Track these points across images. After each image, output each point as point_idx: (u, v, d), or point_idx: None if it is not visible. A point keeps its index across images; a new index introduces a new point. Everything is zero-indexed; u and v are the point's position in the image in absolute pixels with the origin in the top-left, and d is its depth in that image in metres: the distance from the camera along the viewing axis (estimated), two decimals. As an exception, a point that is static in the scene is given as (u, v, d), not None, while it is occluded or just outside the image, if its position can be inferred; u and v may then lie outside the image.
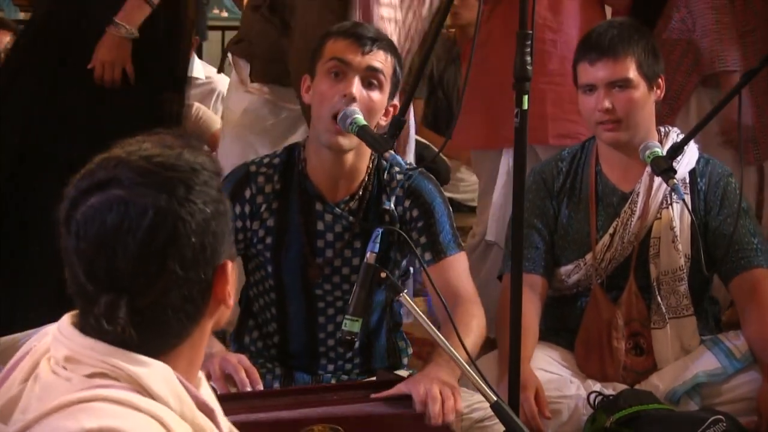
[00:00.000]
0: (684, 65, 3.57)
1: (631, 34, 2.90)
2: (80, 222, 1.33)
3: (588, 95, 2.92)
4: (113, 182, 1.33)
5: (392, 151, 2.39)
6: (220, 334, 2.86)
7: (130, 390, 1.31)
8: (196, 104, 4.53)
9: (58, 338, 1.37)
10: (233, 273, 1.43)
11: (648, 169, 2.88)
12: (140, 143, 1.39)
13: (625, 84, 2.87)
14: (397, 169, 2.66)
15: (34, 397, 1.33)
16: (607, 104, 2.87)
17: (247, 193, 2.64)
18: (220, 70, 4.08)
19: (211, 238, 1.36)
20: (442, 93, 5.78)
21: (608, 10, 3.83)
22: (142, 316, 1.33)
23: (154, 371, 1.33)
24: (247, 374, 2.37)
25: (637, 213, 2.92)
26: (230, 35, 7.43)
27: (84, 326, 1.35)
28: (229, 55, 3.69)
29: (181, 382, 1.36)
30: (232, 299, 1.42)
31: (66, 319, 1.39)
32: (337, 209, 2.63)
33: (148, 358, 1.34)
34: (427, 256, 2.61)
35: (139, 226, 1.31)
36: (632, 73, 2.87)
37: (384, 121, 2.61)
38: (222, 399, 2.23)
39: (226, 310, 1.44)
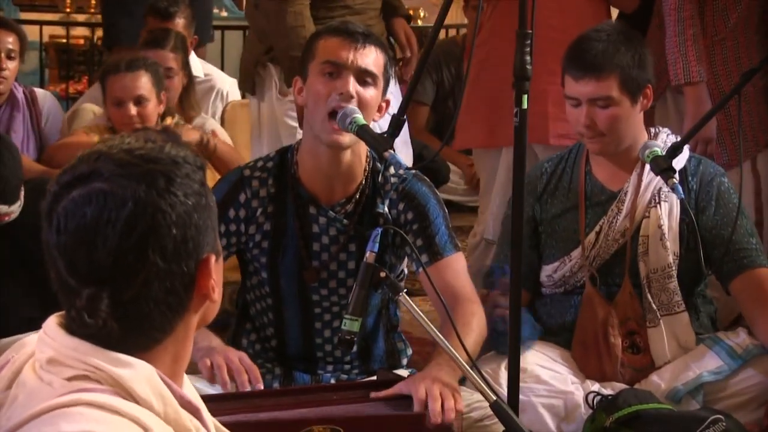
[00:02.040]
0: (655, 69, 3.60)
1: (618, 47, 2.88)
2: (61, 216, 1.33)
3: (572, 107, 2.93)
4: (94, 175, 1.33)
5: (392, 150, 2.39)
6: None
7: (112, 393, 1.30)
8: (215, 128, 4.32)
9: (43, 339, 1.36)
10: (218, 268, 1.42)
11: (637, 169, 2.92)
12: (123, 138, 1.39)
13: (607, 102, 2.87)
14: (391, 171, 2.66)
15: (19, 403, 1.32)
16: (587, 121, 2.88)
17: (242, 198, 2.64)
18: (253, 92, 3.99)
19: (193, 231, 1.36)
20: (452, 103, 5.80)
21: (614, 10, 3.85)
22: (125, 309, 1.33)
23: (136, 372, 1.32)
24: (247, 373, 2.37)
25: (624, 212, 2.94)
26: (230, 35, 7.48)
27: (69, 325, 1.35)
28: (264, 69, 3.71)
29: (164, 381, 1.35)
30: (217, 294, 1.42)
31: (52, 319, 1.38)
32: (330, 212, 2.63)
33: (131, 358, 1.33)
34: (424, 258, 2.60)
35: (118, 218, 1.31)
36: (614, 91, 2.87)
37: (378, 117, 2.62)
38: (221, 398, 2.25)
39: (213, 306, 1.44)
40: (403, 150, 3.76)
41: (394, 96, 3.74)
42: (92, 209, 1.31)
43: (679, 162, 2.95)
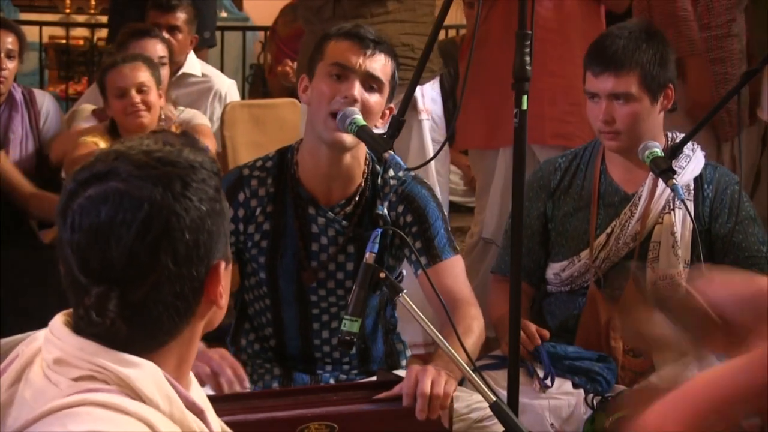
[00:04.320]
0: None
1: (639, 44, 2.88)
2: (76, 213, 1.33)
3: (592, 103, 2.92)
4: (111, 174, 1.34)
5: (391, 152, 2.39)
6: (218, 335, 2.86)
7: (118, 393, 1.30)
8: (201, 122, 4.25)
9: (49, 339, 1.36)
10: (227, 275, 1.43)
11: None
12: (142, 140, 1.39)
13: (627, 98, 2.86)
14: (390, 174, 2.65)
15: (26, 403, 1.32)
16: (606, 117, 2.87)
17: (241, 197, 2.64)
18: None
19: (205, 236, 1.36)
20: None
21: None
22: (133, 311, 1.33)
23: (143, 372, 1.32)
24: (232, 370, 2.36)
25: (637, 215, 2.92)
26: (230, 35, 7.47)
27: (76, 323, 1.35)
28: None
29: (170, 382, 1.35)
30: (224, 301, 1.42)
31: (58, 318, 1.38)
32: (330, 213, 2.63)
33: (137, 358, 1.33)
34: (423, 260, 2.60)
35: (134, 219, 1.31)
36: (634, 88, 2.86)
37: (381, 124, 2.61)
38: (221, 399, 2.25)
39: (219, 312, 1.44)
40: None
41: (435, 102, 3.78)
42: (107, 208, 1.32)
43: (695, 169, 2.94)
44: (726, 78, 3.74)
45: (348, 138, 2.51)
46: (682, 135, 2.99)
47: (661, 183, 2.88)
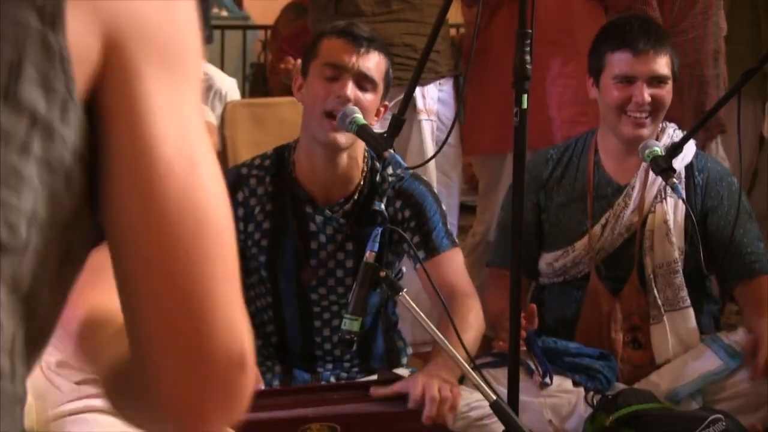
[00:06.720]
0: None
1: (663, 32, 2.97)
2: None
3: (622, 86, 2.89)
4: None
5: (391, 150, 2.39)
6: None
7: None
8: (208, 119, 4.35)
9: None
10: None
11: (645, 163, 2.89)
12: None
13: (663, 79, 2.89)
14: (389, 170, 2.66)
15: (30, 406, 1.32)
16: (647, 97, 2.86)
17: (240, 196, 2.65)
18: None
19: None
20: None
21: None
22: None
23: None
24: None
25: (631, 206, 2.94)
26: (230, 35, 7.47)
27: None
28: None
29: None
30: None
31: None
32: (327, 211, 2.63)
33: None
34: (421, 254, 2.61)
35: None
36: (668, 69, 2.90)
37: (375, 121, 2.62)
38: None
39: None
40: None
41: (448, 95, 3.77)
42: None
43: (686, 157, 2.95)
44: (702, 80, 3.74)
45: (342, 138, 2.52)
46: (672, 124, 3.03)
47: (652, 173, 2.89)
